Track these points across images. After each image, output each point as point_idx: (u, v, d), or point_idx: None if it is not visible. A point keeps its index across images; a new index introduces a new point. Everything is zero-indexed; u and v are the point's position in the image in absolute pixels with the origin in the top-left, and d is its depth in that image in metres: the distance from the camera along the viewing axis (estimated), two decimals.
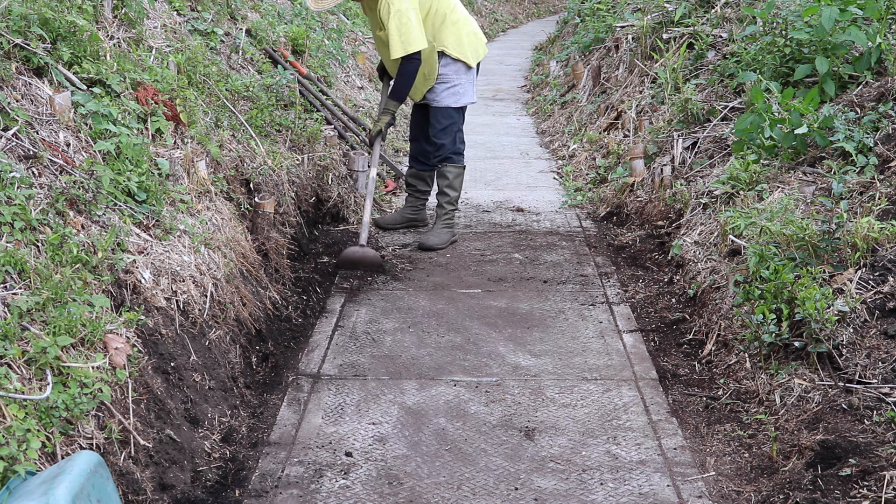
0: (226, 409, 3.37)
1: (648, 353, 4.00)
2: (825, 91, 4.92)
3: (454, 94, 5.27)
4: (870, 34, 4.94)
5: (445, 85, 5.25)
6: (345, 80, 8.01)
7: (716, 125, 5.60)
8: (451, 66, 5.21)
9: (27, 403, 2.41)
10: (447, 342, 4.10)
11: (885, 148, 4.24)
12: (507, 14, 19.74)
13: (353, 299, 4.60)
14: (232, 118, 4.95)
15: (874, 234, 3.56)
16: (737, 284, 3.86)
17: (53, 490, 2.05)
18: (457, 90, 5.27)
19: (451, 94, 5.27)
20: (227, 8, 6.21)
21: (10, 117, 3.27)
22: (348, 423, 3.39)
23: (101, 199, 3.32)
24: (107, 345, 2.85)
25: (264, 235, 4.55)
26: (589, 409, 3.51)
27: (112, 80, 3.84)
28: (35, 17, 3.66)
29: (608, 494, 2.95)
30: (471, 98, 5.38)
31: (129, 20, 4.55)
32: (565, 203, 6.32)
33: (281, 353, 3.97)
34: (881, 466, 2.72)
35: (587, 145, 7.28)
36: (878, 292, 3.37)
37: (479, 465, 3.12)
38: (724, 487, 3.00)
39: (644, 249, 5.23)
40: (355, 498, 2.93)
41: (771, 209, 4.06)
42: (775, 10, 5.62)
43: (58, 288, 2.76)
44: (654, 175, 5.71)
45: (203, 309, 3.55)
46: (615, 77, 8.06)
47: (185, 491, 2.87)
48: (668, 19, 7.50)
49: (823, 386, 3.20)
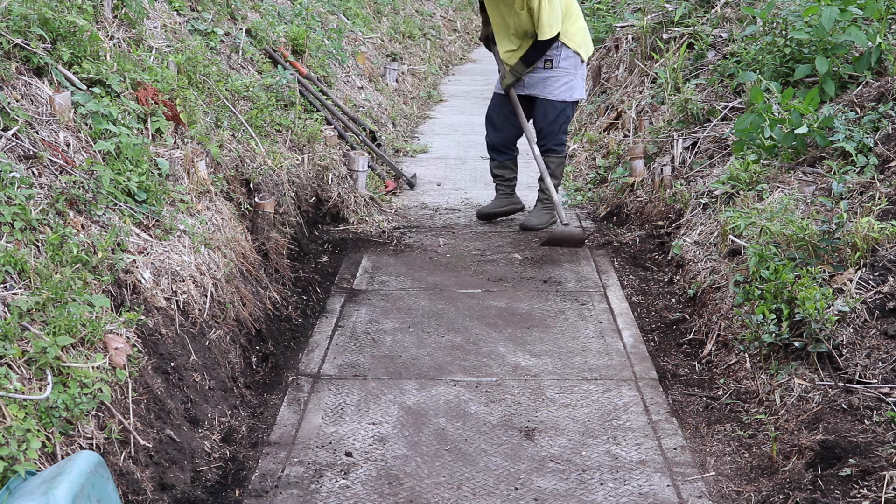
0: (226, 409, 3.36)
1: (648, 353, 4.00)
2: (825, 91, 4.92)
3: (570, 87, 5.47)
4: (870, 34, 4.94)
5: (563, 79, 5.44)
6: (345, 80, 8.01)
7: (716, 125, 5.60)
8: (571, 60, 5.42)
9: (27, 403, 2.41)
10: (447, 342, 4.10)
11: (885, 148, 4.24)
12: None
13: (353, 299, 4.60)
14: (232, 118, 4.95)
15: (874, 234, 3.56)
16: (737, 284, 3.86)
17: (53, 490, 2.05)
18: (572, 84, 5.47)
19: (567, 87, 5.46)
20: (227, 8, 6.21)
21: (10, 117, 3.27)
22: (348, 423, 3.39)
23: (101, 199, 3.32)
24: (107, 345, 2.85)
25: (264, 235, 4.55)
26: (589, 409, 3.51)
27: (112, 80, 3.84)
28: (35, 17, 3.66)
29: (608, 494, 2.95)
30: (582, 93, 5.57)
31: (129, 20, 4.55)
32: (565, 203, 6.31)
33: (281, 353, 3.97)
34: (881, 466, 2.72)
35: (587, 145, 7.28)
36: (878, 292, 3.37)
37: (479, 465, 3.12)
38: (724, 487, 3.00)
39: (644, 249, 5.23)
40: (355, 498, 2.93)
41: (771, 209, 4.06)
42: (775, 10, 5.63)
43: (58, 288, 2.76)
44: (654, 175, 5.71)
45: (203, 309, 3.55)
46: (615, 77, 8.06)
47: (185, 491, 2.87)
48: (668, 19, 7.50)
49: (823, 386, 3.20)
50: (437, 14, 15.18)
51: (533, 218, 5.73)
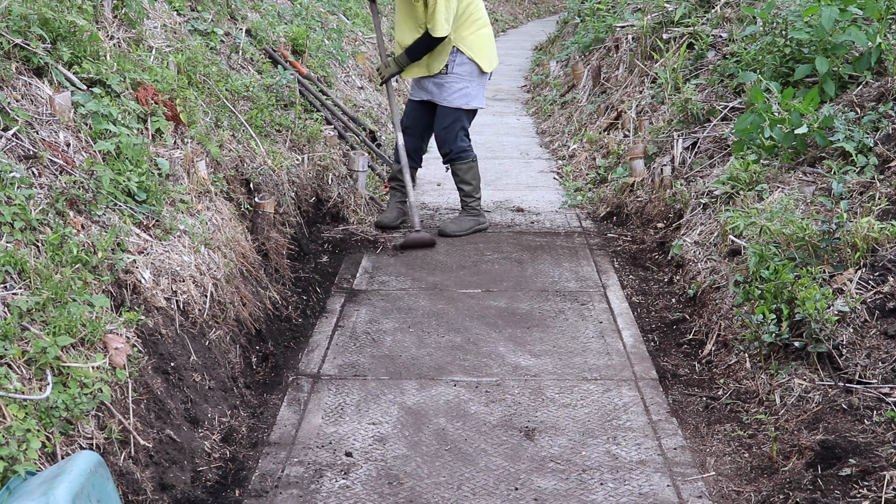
0: (226, 409, 3.36)
1: (648, 353, 4.00)
2: (825, 91, 4.92)
3: (465, 95, 5.41)
4: (870, 34, 4.94)
5: (457, 85, 5.37)
6: (345, 80, 8.01)
7: (716, 125, 5.60)
8: (466, 67, 5.36)
9: (27, 403, 2.41)
10: (447, 342, 4.10)
11: (885, 148, 4.24)
12: (507, 14, 19.76)
13: (353, 299, 4.60)
14: (232, 118, 4.95)
15: (874, 234, 3.56)
16: (737, 284, 3.86)
17: (53, 490, 2.05)
18: (467, 92, 5.40)
19: (461, 94, 5.40)
20: (227, 8, 6.21)
21: (10, 117, 3.27)
22: (348, 423, 3.39)
23: (101, 199, 3.32)
24: (107, 345, 2.85)
25: (264, 235, 4.55)
26: (589, 409, 3.51)
27: (112, 80, 3.84)
28: (35, 17, 3.66)
29: (608, 494, 2.95)
30: (480, 103, 5.50)
31: (129, 20, 4.55)
32: (565, 203, 6.32)
33: (281, 353, 3.97)
34: (881, 466, 2.72)
35: (587, 145, 7.28)
36: (878, 292, 3.37)
37: (479, 465, 3.12)
38: (724, 487, 3.00)
39: (644, 249, 5.23)
40: (355, 498, 2.93)
41: (771, 209, 4.06)
42: (775, 10, 5.62)
43: (58, 288, 2.76)
44: (654, 175, 5.71)
45: (203, 309, 3.55)
46: (615, 77, 8.06)
47: (185, 491, 2.87)
48: (668, 19, 7.50)
49: (823, 386, 3.20)
50: None
51: (451, 224, 5.62)
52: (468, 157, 5.55)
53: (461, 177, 5.58)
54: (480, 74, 5.42)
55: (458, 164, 5.55)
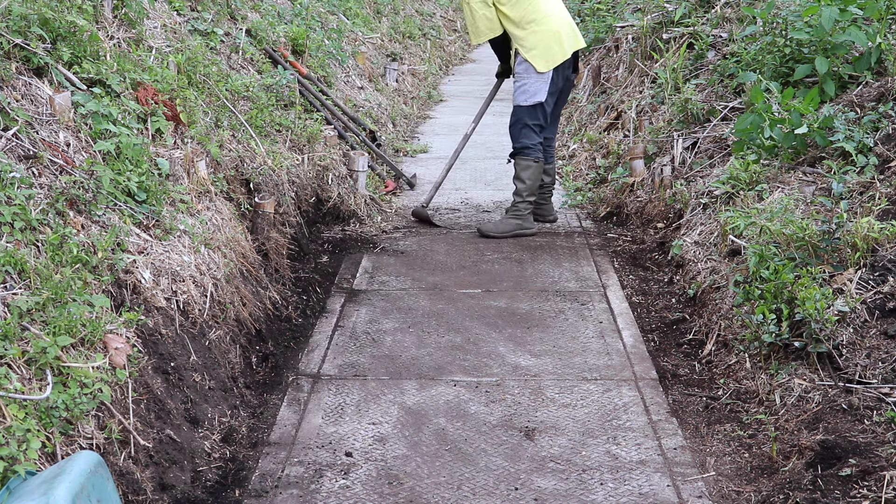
0: (226, 409, 3.36)
1: (648, 353, 4.00)
2: (825, 91, 4.92)
3: (523, 92, 5.53)
4: (870, 34, 4.93)
5: (518, 83, 5.56)
6: (345, 80, 8.01)
7: (716, 125, 5.60)
8: (522, 66, 5.51)
9: (27, 403, 2.41)
10: (447, 342, 4.10)
11: (885, 148, 4.24)
12: None
13: (353, 299, 4.60)
14: (232, 118, 4.95)
15: (874, 234, 3.56)
16: (737, 284, 3.86)
17: (53, 490, 2.05)
18: (525, 88, 5.51)
19: (521, 92, 5.54)
20: (227, 8, 6.21)
21: (10, 117, 3.27)
22: (348, 423, 3.39)
23: (101, 199, 3.32)
24: (107, 345, 2.85)
25: (264, 235, 4.55)
26: (589, 409, 3.51)
27: (112, 80, 3.84)
28: (35, 17, 3.66)
29: (608, 494, 2.95)
30: (538, 98, 5.52)
31: (129, 20, 4.55)
32: (565, 203, 6.32)
33: (281, 353, 3.97)
34: (881, 466, 2.72)
35: (587, 145, 7.28)
36: (878, 292, 3.37)
37: (479, 465, 3.12)
38: (724, 487, 3.00)
39: (644, 249, 5.23)
40: (355, 498, 2.93)
41: (771, 209, 4.06)
42: (775, 10, 5.62)
43: (58, 288, 2.76)
44: (654, 175, 5.71)
45: (203, 309, 3.55)
46: (615, 77, 8.06)
47: (185, 491, 2.87)
48: (668, 19, 7.50)
49: (823, 386, 3.20)
50: (437, 14, 15.19)
51: (489, 224, 5.66)
52: (529, 154, 5.59)
53: (517, 173, 5.64)
54: (537, 74, 5.46)
55: (517, 160, 5.64)
